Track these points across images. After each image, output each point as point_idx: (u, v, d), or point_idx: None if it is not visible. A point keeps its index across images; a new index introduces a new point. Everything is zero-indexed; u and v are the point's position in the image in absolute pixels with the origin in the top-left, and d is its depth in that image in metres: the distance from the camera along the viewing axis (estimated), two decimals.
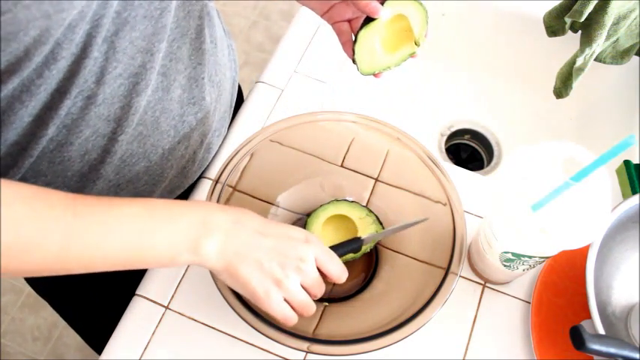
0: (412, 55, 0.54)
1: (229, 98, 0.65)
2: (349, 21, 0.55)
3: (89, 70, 0.43)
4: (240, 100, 0.75)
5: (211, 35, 0.57)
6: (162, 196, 0.60)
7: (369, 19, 0.51)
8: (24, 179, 0.49)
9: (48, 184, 0.50)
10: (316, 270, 0.47)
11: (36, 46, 0.38)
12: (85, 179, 0.51)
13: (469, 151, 0.89)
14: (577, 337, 0.45)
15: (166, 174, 0.58)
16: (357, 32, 0.52)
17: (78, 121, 0.46)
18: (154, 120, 0.52)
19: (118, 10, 0.42)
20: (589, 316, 0.48)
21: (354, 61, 0.54)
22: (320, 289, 0.48)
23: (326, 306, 0.56)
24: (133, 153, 0.52)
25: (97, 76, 0.44)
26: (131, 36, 0.45)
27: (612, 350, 0.45)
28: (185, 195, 0.64)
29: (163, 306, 0.57)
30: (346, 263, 0.59)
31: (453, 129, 0.88)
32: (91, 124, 0.47)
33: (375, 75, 0.55)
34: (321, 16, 0.55)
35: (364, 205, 0.62)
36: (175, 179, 0.60)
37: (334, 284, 0.59)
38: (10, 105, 0.42)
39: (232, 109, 0.68)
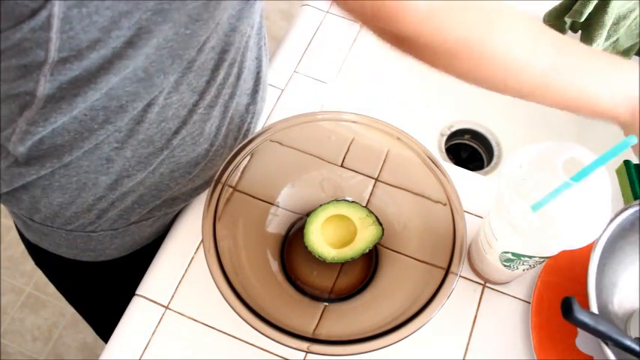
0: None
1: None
2: None
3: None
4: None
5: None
6: (195, 190, 0.61)
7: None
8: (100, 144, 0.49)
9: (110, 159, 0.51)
10: None
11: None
12: (158, 149, 0.52)
13: (469, 151, 0.89)
14: (567, 307, 0.45)
15: (217, 161, 0.59)
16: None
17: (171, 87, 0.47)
18: (223, 103, 0.54)
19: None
20: None
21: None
22: None
23: (326, 306, 0.56)
24: (202, 132, 0.54)
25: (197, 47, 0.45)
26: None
27: (600, 327, 0.45)
28: None
29: (163, 306, 0.57)
30: (346, 263, 0.60)
31: (453, 129, 0.88)
32: (180, 90, 0.48)
33: None
34: None
35: (364, 205, 0.62)
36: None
37: (334, 283, 0.59)
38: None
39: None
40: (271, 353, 0.55)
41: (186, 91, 0.49)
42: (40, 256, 0.65)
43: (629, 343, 0.46)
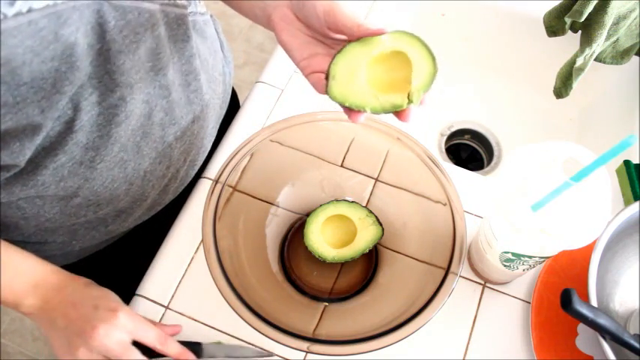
0: (400, 111, 0.42)
1: (217, 114, 0.64)
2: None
3: (67, 97, 0.42)
4: (235, 106, 0.75)
5: (201, 54, 0.57)
6: (143, 213, 0.60)
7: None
8: None
9: (21, 208, 0.50)
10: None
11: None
12: (61, 201, 0.50)
13: (469, 151, 0.89)
14: (566, 298, 0.45)
15: (147, 193, 0.57)
16: (347, 43, 0.42)
17: (54, 145, 0.45)
18: (135, 145, 0.51)
19: (94, 44, 0.41)
20: None
21: (326, 77, 0.43)
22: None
23: (326, 306, 0.56)
24: (113, 178, 0.51)
25: (74, 104, 0.43)
26: (107, 68, 0.44)
27: (599, 320, 0.45)
28: (185, 194, 0.64)
29: (163, 306, 0.57)
30: (346, 263, 0.60)
31: (453, 129, 0.88)
32: (68, 150, 0.46)
33: (347, 111, 0.43)
34: (298, 63, 0.46)
35: (364, 205, 0.62)
36: (157, 197, 0.60)
37: (334, 283, 0.59)
38: None
39: (219, 123, 0.67)
40: (271, 353, 0.55)
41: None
42: None
43: (627, 338, 0.46)
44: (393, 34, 0.42)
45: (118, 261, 0.65)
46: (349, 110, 0.43)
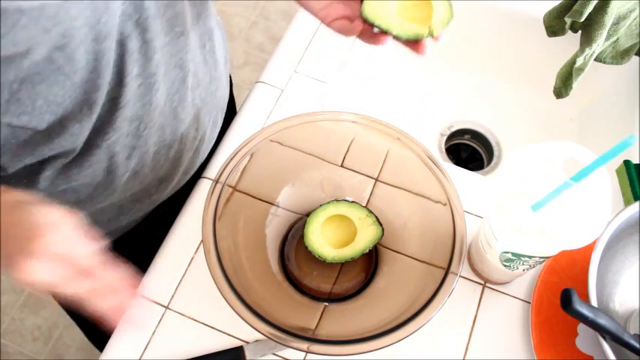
0: (418, 44, 0.48)
1: (227, 72, 0.67)
2: (348, 18, 0.49)
3: (109, 73, 0.43)
4: (231, 100, 0.76)
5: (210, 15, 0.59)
6: (180, 178, 0.62)
7: None
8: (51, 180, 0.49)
9: (76, 190, 0.51)
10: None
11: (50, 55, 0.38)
12: (111, 176, 0.52)
13: (469, 151, 0.89)
14: (566, 298, 0.45)
15: (183, 157, 0.59)
16: None
17: (105, 124, 0.47)
18: (172, 110, 0.53)
19: (131, 15, 0.43)
20: None
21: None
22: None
23: (326, 306, 0.56)
24: (155, 144, 0.54)
25: (119, 78, 0.45)
26: (145, 37, 0.45)
27: (599, 320, 0.45)
28: (186, 194, 0.64)
29: (163, 306, 0.57)
30: (346, 263, 0.60)
31: (453, 129, 0.88)
32: (117, 127, 0.48)
33: (373, 38, 0.48)
34: (317, 13, 0.49)
35: (364, 205, 0.62)
36: (190, 160, 0.62)
37: (334, 283, 0.59)
38: None
39: (228, 83, 0.69)
40: (272, 353, 0.55)
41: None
42: None
43: (627, 338, 0.46)
44: None
45: (118, 259, 0.65)
46: (371, 36, 0.48)
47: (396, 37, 0.48)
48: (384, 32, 0.47)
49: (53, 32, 0.37)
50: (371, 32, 0.47)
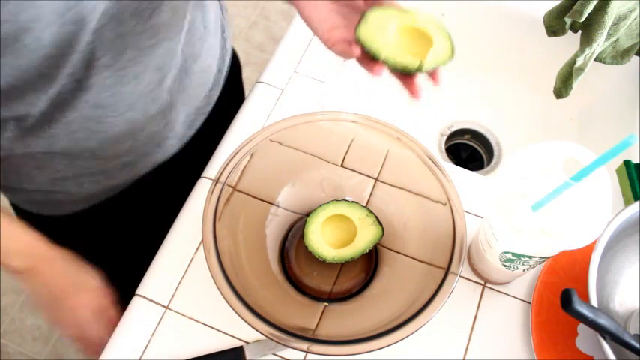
0: (410, 81, 0.48)
1: (211, 80, 0.68)
2: (348, 42, 0.49)
3: (77, 56, 0.47)
4: (239, 94, 0.77)
5: (204, 20, 0.60)
6: (143, 167, 0.65)
7: None
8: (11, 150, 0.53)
9: (37, 158, 0.55)
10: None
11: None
12: (70, 154, 0.55)
13: (469, 151, 0.89)
14: (566, 298, 0.45)
15: (150, 151, 0.62)
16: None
17: (66, 102, 0.50)
18: (144, 106, 0.55)
19: (103, 9, 0.45)
20: None
21: (360, 17, 0.47)
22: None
23: (326, 306, 0.56)
24: (119, 134, 0.55)
25: (86, 63, 0.48)
26: (120, 30, 0.47)
27: (599, 320, 0.45)
28: (186, 194, 0.65)
29: (163, 306, 0.57)
30: (346, 263, 0.60)
31: (453, 129, 0.88)
32: (78, 107, 0.50)
33: (366, 63, 0.48)
34: (321, 36, 0.49)
35: (364, 205, 0.62)
36: (155, 154, 0.64)
37: (334, 283, 0.59)
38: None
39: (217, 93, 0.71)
40: (271, 353, 0.55)
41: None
42: (21, 216, 0.68)
43: (627, 338, 0.46)
44: (427, 15, 0.47)
45: (118, 259, 0.66)
46: (368, 62, 0.48)
47: (386, 64, 0.47)
48: (375, 58, 0.47)
49: (21, 16, 0.40)
50: (369, 58, 0.48)
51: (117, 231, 0.71)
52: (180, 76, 0.58)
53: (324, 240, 0.58)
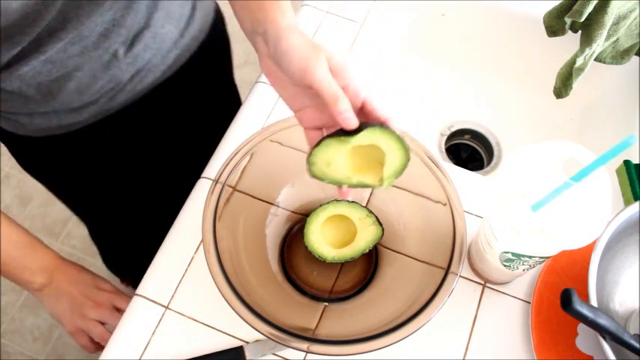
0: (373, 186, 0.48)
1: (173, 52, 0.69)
2: (321, 129, 0.48)
3: (39, 23, 0.51)
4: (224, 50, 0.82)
5: None
6: (92, 117, 0.67)
7: (343, 131, 0.43)
8: None
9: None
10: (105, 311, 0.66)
11: None
12: (22, 95, 0.59)
13: (469, 151, 0.89)
14: (566, 298, 0.45)
15: (97, 100, 0.65)
16: (325, 137, 0.45)
17: (22, 59, 0.54)
18: (90, 69, 0.60)
19: None
20: None
21: (307, 160, 0.46)
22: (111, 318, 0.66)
23: (326, 306, 0.56)
24: (67, 83, 0.59)
25: (48, 31, 0.52)
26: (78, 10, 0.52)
27: (599, 320, 0.45)
28: (185, 194, 0.65)
29: (163, 306, 0.57)
30: (346, 263, 0.60)
31: (453, 129, 0.88)
32: (33, 63, 0.55)
33: (338, 188, 0.48)
34: (294, 114, 0.48)
35: (364, 205, 0.62)
36: (104, 104, 0.66)
37: (334, 283, 0.59)
38: None
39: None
40: (271, 353, 0.55)
41: None
42: (5, 139, 0.72)
43: (627, 338, 0.46)
44: (369, 131, 0.43)
45: (124, 261, 0.68)
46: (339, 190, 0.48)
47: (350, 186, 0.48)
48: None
49: None
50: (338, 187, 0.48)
51: (86, 163, 0.75)
52: (129, 40, 0.60)
53: (324, 240, 0.59)
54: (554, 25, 0.69)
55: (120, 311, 0.66)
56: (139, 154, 0.77)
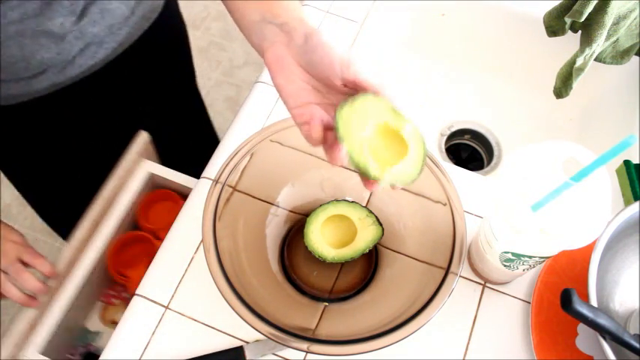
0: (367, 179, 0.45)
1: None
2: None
3: None
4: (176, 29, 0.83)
5: None
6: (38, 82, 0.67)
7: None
8: None
9: None
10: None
11: None
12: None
13: (469, 151, 0.89)
14: (566, 298, 0.45)
15: (38, 70, 0.64)
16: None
17: None
18: (33, 35, 0.60)
19: None
20: None
21: (347, 99, 0.43)
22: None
23: (326, 306, 0.56)
24: (11, 52, 0.59)
25: None
26: None
27: (599, 320, 0.45)
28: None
29: (163, 306, 0.57)
30: (346, 263, 0.60)
31: (453, 129, 0.88)
32: None
33: (332, 153, 0.45)
34: (291, 109, 0.46)
35: (364, 205, 0.62)
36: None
37: (334, 283, 0.59)
38: None
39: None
40: (271, 353, 0.55)
41: None
42: None
43: (627, 338, 0.46)
44: (414, 126, 0.43)
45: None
46: (331, 146, 0.45)
47: (350, 158, 0.44)
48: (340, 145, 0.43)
49: None
50: (332, 142, 0.45)
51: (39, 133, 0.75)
52: (76, 13, 0.61)
53: (324, 240, 0.59)
54: (554, 25, 0.69)
55: (25, 265, 0.66)
56: (89, 130, 0.77)
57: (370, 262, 0.60)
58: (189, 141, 0.96)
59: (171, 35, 0.82)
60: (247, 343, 0.55)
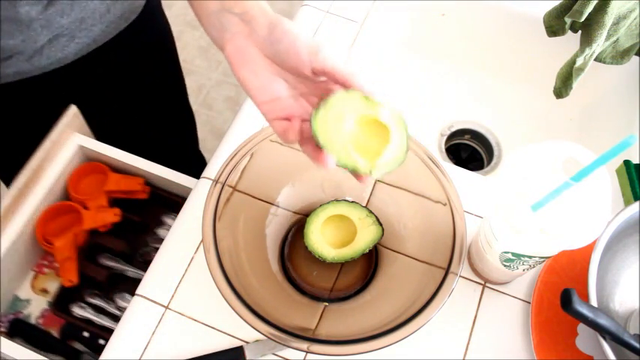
0: (358, 175, 0.44)
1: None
2: (289, 119, 0.44)
3: None
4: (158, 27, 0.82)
5: None
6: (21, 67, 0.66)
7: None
8: None
9: None
10: None
11: None
12: None
13: (469, 151, 0.89)
14: (566, 298, 0.45)
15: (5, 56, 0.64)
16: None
17: None
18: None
19: None
20: None
21: (318, 104, 0.42)
22: None
23: (326, 306, 0.56)
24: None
25: None
26: None
27: (599, 320, 0.45)
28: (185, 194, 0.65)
29: (163, 306, 0.57)
30: (346, 263, 0.60)
31: (453, 129, 0.88)
32: None
33: (314, 153, 0.43)
34: (259, 105, 0.43)
35: (364, 205, 0.62)
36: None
37: (334, 283, 0.59)
38: None
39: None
40: (271, 353, 0.55)
41: None
42: None
43: (627, 338, 0.46)
44: (391, 109, 0.42)
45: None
46: (314, 149, 0.43)
47: (338, 162, 0.43)
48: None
49: None
50: (314, 145, 0.43)
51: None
52: (44, 1, 0.60)
53: (324, 240, 0.59)
54: (554, 25, 0.69)
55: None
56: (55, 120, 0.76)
57: (370, 262, 0.60)
58: (172, 144, 0.95)
59: (152, 37, 0.81)
60: (247, 343, 0.55)
